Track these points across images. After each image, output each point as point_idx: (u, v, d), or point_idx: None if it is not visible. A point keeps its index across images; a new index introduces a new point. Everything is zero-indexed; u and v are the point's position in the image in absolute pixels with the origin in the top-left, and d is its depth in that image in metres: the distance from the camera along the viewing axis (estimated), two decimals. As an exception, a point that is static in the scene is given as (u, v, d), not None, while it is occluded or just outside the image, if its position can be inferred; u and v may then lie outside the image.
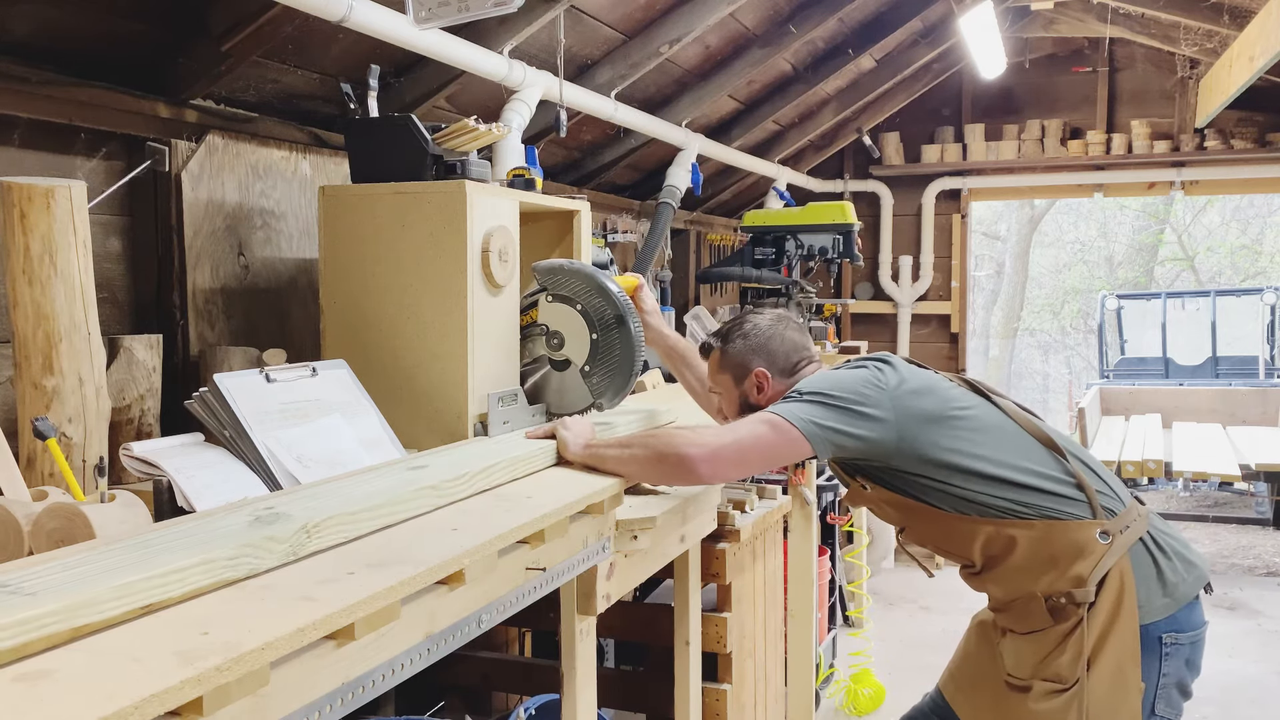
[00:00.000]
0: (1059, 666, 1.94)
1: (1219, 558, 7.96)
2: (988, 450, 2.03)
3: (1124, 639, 1.90)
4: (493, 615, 1.64)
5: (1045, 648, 1.98)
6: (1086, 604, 1.90)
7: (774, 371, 2.32)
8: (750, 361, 2.33)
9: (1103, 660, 1.90)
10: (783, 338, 2.35)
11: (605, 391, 2.50)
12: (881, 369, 2.12)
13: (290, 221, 2.80)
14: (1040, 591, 1.97)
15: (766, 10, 4.59)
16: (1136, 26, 6.08)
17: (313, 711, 1.22)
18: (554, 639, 3.09)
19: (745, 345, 2.34)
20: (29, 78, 2.12)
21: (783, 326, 2.37)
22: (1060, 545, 1.95)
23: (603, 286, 2.45)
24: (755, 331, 2.35)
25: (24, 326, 1.79)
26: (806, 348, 2.37)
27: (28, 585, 1.14)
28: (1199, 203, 18.66)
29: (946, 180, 7.15)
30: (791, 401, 2.05)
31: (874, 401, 2.03)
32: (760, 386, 2.32)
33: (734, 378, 2.35)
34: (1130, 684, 1.90)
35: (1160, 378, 9.85)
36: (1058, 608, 1.95)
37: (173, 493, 1.73)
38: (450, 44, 2.87)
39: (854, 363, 2.19)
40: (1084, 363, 19.33)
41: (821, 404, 2.02)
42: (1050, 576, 1.96)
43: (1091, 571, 1.92)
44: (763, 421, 2.02)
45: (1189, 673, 1.98)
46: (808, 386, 2.08)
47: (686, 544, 2.52)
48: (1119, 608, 1.91)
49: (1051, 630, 1.97)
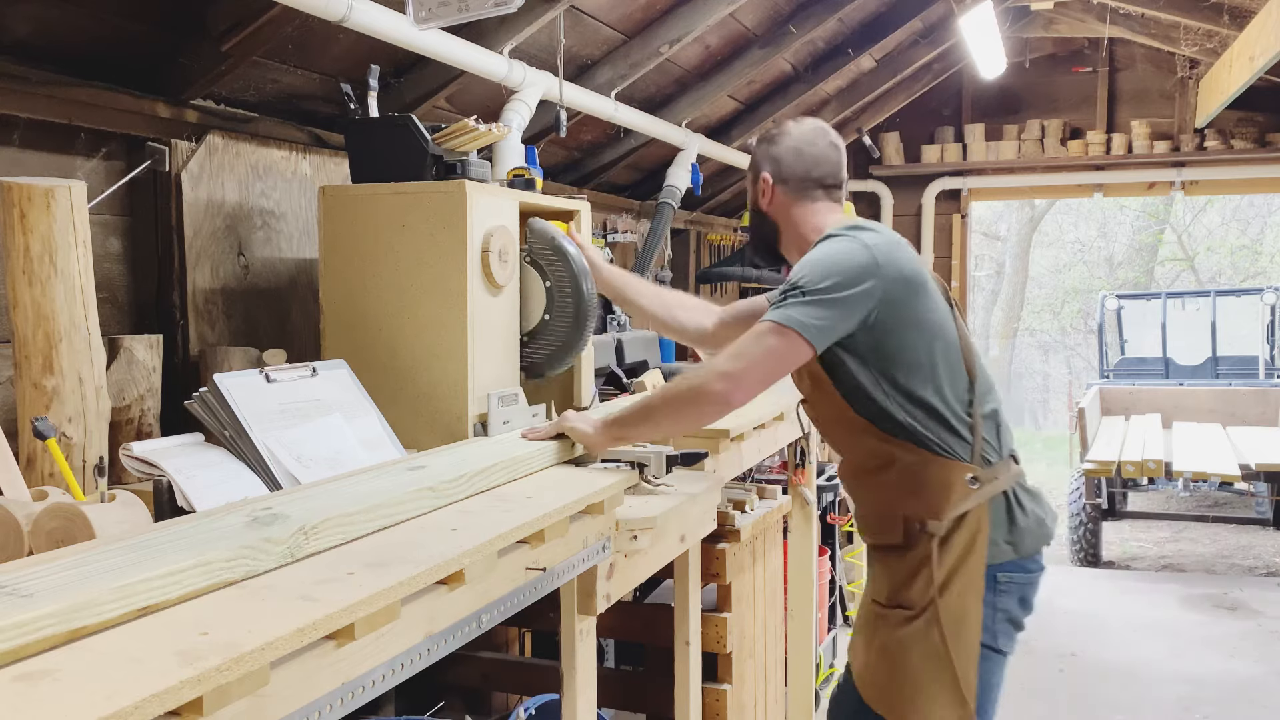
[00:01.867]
0: (911, 593, 2.07)
1: (1219, 558, 7.96)
2: (927, 369, 2.08)
3: (972, 575, 2.04)
4: (493, 615, 1.64)
5: (900, 573, 2.11)
6: (937, 536, 2.04)
7: (779, 183, 2.30)
8: (762, 165, 2.33)
9: (952, 591, 2.04)
10: (801, 153, 2.29)
11: (546, 361, 2.53)
12: (873, 251, 2.06)
13: (290, 221, 2.80)
14: (901, 512, 2.10)
15: (766, 10, 4.58)
16: (1136, 26, 6.08)
17: (313, 711, 1.22)
18: (554, 639, 3.09)
19: (768, 149, 2.33)
20: (29, 78, 2.12)
21: (814, 140, 2.30)
22: (931, 477, 2.06)
23: (560, 247, 2.49)
24: (782, 137, 2.33)
25: (24, 326, 1.79)
26: (831, 173, 2.29)
27: (26, 586, 1.14)
28: (1199, 203, 18.66)
29: (946, 180, 7.15)
30: (793, 303, 2.00)
31: (865, 293, 2.01)
32: (764, 193, 2.32)
33: (751, 176, 2.36)
34: (972, 615, 2.04)
35: (1160, 378, 9.85)
36: (912, 532, 2.08)
37: (173, 493, 1.74)
38: (450, 44, 2.87)
39: (852, 236, 2.11)
40: (1084, 363, 19.32)
41: (819, 303, 1.99)
42: (913, 502, 2.08)
43: (950, 509, 2.04)
44: (769, 333, 1.99)
45: (1021, 610, 2.13)
46: (808, 281, 2.01)
47: (686, 544, 2.52)
48: (972, 546, 2.04)
49: (906, 553, 2.09)
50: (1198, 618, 6.06)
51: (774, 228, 2.35)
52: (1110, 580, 7.09)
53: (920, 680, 2.06)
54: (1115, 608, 6.27)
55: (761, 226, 2.38)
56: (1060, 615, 6.08)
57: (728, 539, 2.77)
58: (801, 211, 2.29)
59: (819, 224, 2.26)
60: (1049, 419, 19.44)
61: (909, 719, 2.09)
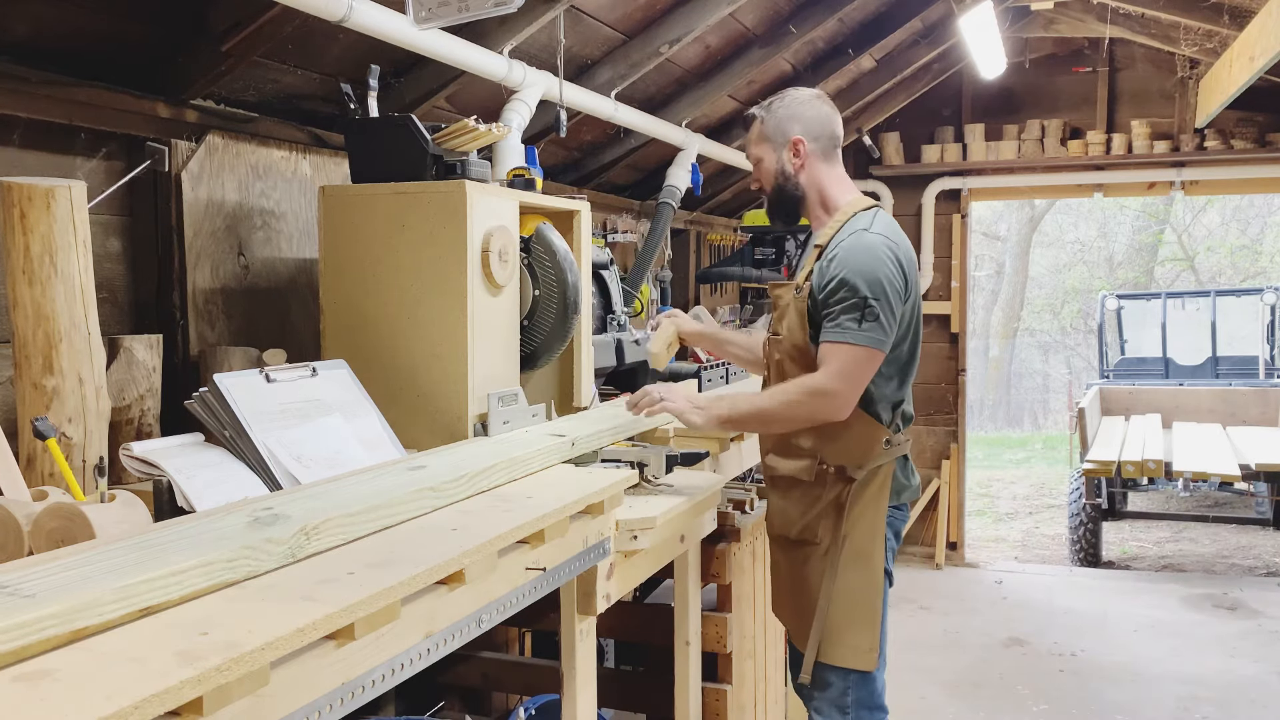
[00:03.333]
0: (820, 529, 2.41)
1: (1219, 558, 7.96)
2: (901, 352, 2.39)
3: (879, 515, 2.41)
4: (493, 615, 1.64)
5: (811, 510, 2.42)
6: (856, 480, 2.37)
7: (810, 141, 2.44)
8: (790, 128, 2.44)
9: (861, 528, 2.39)
10: (822, 113, 2.47)
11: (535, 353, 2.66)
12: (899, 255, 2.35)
13: (290, 221, 2.80)
14: (818, 454, 2.40)
15: (766, 10, 4.58)
16: (1136, 26, 6.08)
17: (313, 711, 1.22)
18: (554, 639, 3.09)
19: (785, 114, 2.45)
20: (29, 78, 2.12)
21: (818, 101, 2.49)
22: (857, 431, 2.38)
23: (547, 240, 2.63)
24: (795, 102, 2.47)
25: (24, 326, 1.79)
26: (841, 133, 2.51)
27: (27, 586, 1.14)
28: (1199, 203, 18.66)
29: (946, 180, 7.15)
30: (870, 324, 2.26)
31: (900, 299, 2.32)
32: (797, 153, 2.44)
33: (774, 145, 2.46)
34: (879, 545, 2.41)
35: (1160, 378, 9.84)
36: (825, 474, 2.40)
37: (173, 493, 1.74)
38: (450, 44, 2.86)
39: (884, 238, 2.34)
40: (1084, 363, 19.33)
41: (885, 313, 2.27)
42: (831, 447, 2.39)
43: (870, 461, 2.39)
44: (866, 360, 2.28)
45: (897, 541, 2.51)
46: (869, 293, 2.26)
47: (686, 544, 2.52)
48: (881, 493, 2.41)
49: (813, 490, 2.42)
50: (1198, 618, 6.06)
51: (800, 191, 2.48)
52: (1110, 580, 7.08)
53: (851, 612, 2.38)
54: (1115, 608, 6.27)
55: (787, 189, 2.48)
56: (1060, 615, 6.08)
57: (728, 539, 2.77)
58: (829, 174, 2.47)
59: (841, 190, 2.48)
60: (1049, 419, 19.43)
61: (833, 651, 2.39)
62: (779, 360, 2.48)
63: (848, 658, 2.39)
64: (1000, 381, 20.76)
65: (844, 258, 2.30)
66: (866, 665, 2.38)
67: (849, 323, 2.26)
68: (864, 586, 2.39)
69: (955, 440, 7.33)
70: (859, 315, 2.26)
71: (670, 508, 2.22)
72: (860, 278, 2.26)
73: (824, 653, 2.40)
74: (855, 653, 2.38)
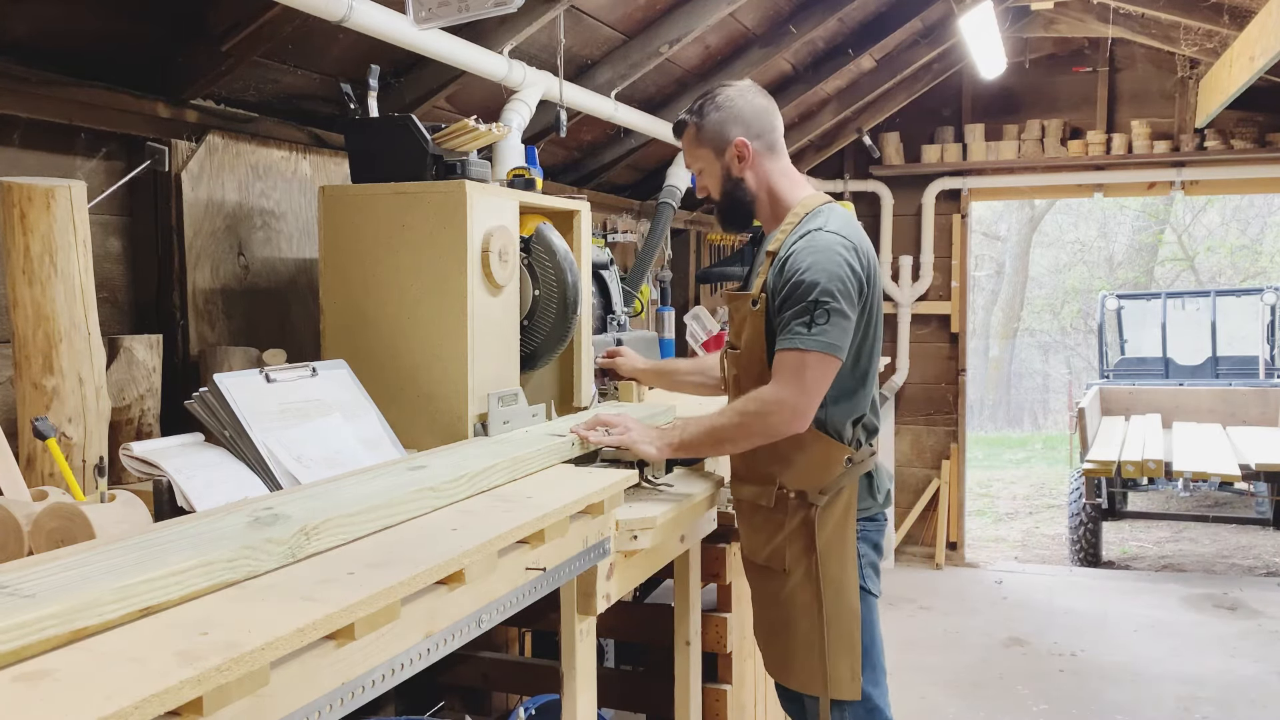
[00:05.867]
0: (786, 557, 2.28)
1: (1219, 558, 7.96)
2: (858, 362, 2.27)
3: (846, 540, 2.27)
4: (493, 615, 1.64)
5: (773, 536, 2.31)
6: (818, 506, 2.24)
7: (754, 139, 2.33)
8: (728, 131, 2.33)
9: (830, 555, 2.26)
10: (761, 110, 2.36)
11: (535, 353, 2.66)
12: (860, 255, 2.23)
13: (290, 221, 2.80)
14: (776, 478, 2.29)
15: (766, 10, 4.58)
16: (1136, 26, 6.08)
17: (313, 711, 1.22)
18: (554, 639, 3.09)
19: (720, 115, 2.34)
20: (29, 78, 2.12)
21: (752, 94, 2.38)
22: (813, 452, 2.26)
23: (565, 281, 2.59)
24: (728, 101, 2.34)
25: (24, 326, 1.79)
26: (781, 128, 2.39)
27: (27, 586, 1.14)
28: (1199, 203, 18.66)
29: (946, 180, 7.15)
30: (822, 326, 2.13)
31: (855, 301, 2.20)
32: (742, 156, 2.33)
33: (714, 150, 2.35)
34: (850, 574, 2.27)
35: (1160, 378, 9.85)
36: (784, 499, 2.28)
37: (173, 493, 1.74)
38: (450, 44, 2.86)
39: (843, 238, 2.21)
40: (1084, 363, 19.33)
41: (842, 316, 2.15)
42: (787, 472, 2.28)
43: (829, 484, 2.26)
44: (819, 364, 2.15)
45: (876, 554, 2.37)
46: (826, 295, 2.14)
47: (686, 544, 2.52)
48: (846, 516, 2.27)
49: (774, 517, 2.30)
50: (1198, 618, 6.06)
51: (750, 194, 2.37)
52: (1110, 580, 7.08)
53: (812, 641, 2.27)
54: (1115, 608, 6.27)
55: (736, 193, 2.37)
56: (1060, 615, 6.08)
57: (728, 539, 2.77)
58: (775, 171, 2.36)
59: (791, 186, 2.37)
60: (1049, 419, 19.44)
61: (813, 683, 2.29)
62: (736, 375, 2.38)
63: (830, 690, 2.29)
64: (1000, 381, 20.77)
65: (796, 260, 2.19)
66: (850, 694, 2.27)
67: (799, 327, 2.14)
68: (837, 615, 2.26)
69: (955, 440, 7.33)
70: (808, 319, 2.13)
71: (670, 508, 2.22)
72: (811, 279, 2.14)
73: (805, 685, 2.30)
74: (836, 684, 2.27)
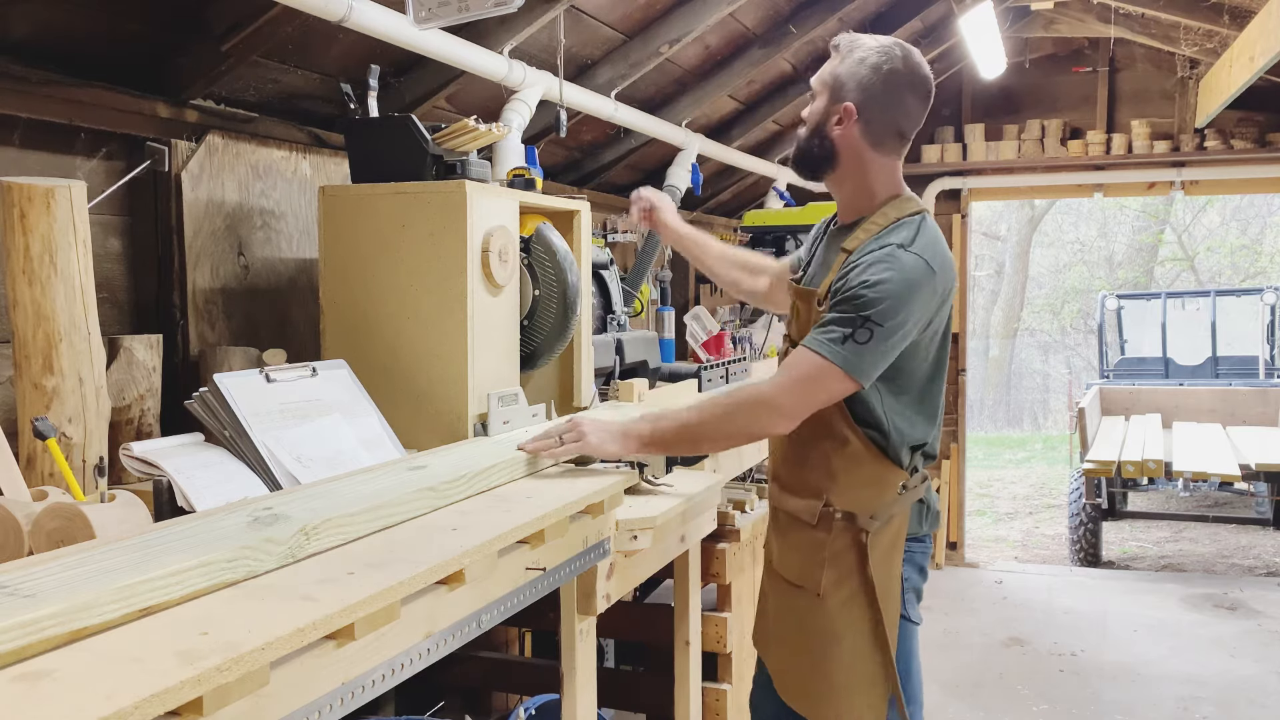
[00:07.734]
0: (823, 579, 2.11)
1: (1219, 558, 7.96)
2: (921, 383, 2.12)
3: (893, 567, 2.12)
4: (493, 615, 1.64)
5: (810, 555, 2.13)
6: (867, 532, 2.08)
7: (862, 120, 2.09)
8: (846, 89, 2.10)
9: (875, 581, 2.09)
10: (898, 100, 2.10)
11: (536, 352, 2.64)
12: (937, 281, 2.02)
13: (290, 221, 2.80)
14: (823, 494, 2.12)
15: (766, 10, 4.58)
16: (1136, 26, 6.08)
17: (313, 711, 1.22)
18: (554, 639, 3.09)
19: (865, 76, 2.09)
20: (29, 78, 2.12)
21: (914, 86, 2.12)
22: (870, 474, 2.10)
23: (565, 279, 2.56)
24: (884, 69, 2.09)
25: (24, 326, 1.79)
26: (913, 128, 2.14)
27: (27, 586, 1.14)
28: (1199, 203, 18.67)
29: (946, 180, 7.15)
30: (858, 344, 1.95)
31: (907, 336, 2.01)
32: (839, 120, 2.10)
33: (832, 92, 2.12)
34: (892, 605, 2.11)
35: (1160, 378, 9.85)
36: (828, 516, 2.11)
37: (173, 493, 1.73)
38: (450, 44, 2.86)
39: (925, 260, 2.00)
40: (1084, 363, 19.32)
41: (886, 342, 1.96)
42: (840, 489, 2.10)
43: (881, 510, 2.10)
44: (829, 376, 1.97)
45: (920, 578, 2.21)
46: (878, 315, 1.94)
47: (686, 544, 2.52)
48: (895, 541, 2.12)
49: (814, 534, 2.12)
50: (1198, 618, 6.06)
51: (831, 156, 2.14)
52: (1110, 580, 7.09)
53: (849, 675, 2.10)
54: (1115, 608, 6.27)
55: (817, 146, 2.15)
56: (1060, 615, 6.08)
57: (728, 539, 2.77)
58: (872, 161, 2.13)
59: (888, 181, 2.15)
60: (1049, 419, 19.44)
61: (823, 713, 2.12)
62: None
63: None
64: (1000, 381, 20.77)
65: (869, 271, 1.98)
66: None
67: (836, 331, 1.96)
68: (869, 651, 2.09)
69: (955, 440, 7.33)
70: (850, 330, 1.95)
71: (670, 508, 2.22)
72: (874, 295, 1.95)
73: (816, 715, 2.13)
74: (858, 717, 2.10)
